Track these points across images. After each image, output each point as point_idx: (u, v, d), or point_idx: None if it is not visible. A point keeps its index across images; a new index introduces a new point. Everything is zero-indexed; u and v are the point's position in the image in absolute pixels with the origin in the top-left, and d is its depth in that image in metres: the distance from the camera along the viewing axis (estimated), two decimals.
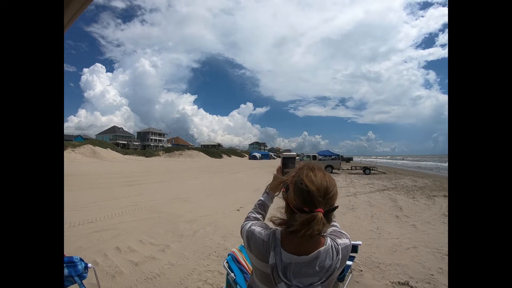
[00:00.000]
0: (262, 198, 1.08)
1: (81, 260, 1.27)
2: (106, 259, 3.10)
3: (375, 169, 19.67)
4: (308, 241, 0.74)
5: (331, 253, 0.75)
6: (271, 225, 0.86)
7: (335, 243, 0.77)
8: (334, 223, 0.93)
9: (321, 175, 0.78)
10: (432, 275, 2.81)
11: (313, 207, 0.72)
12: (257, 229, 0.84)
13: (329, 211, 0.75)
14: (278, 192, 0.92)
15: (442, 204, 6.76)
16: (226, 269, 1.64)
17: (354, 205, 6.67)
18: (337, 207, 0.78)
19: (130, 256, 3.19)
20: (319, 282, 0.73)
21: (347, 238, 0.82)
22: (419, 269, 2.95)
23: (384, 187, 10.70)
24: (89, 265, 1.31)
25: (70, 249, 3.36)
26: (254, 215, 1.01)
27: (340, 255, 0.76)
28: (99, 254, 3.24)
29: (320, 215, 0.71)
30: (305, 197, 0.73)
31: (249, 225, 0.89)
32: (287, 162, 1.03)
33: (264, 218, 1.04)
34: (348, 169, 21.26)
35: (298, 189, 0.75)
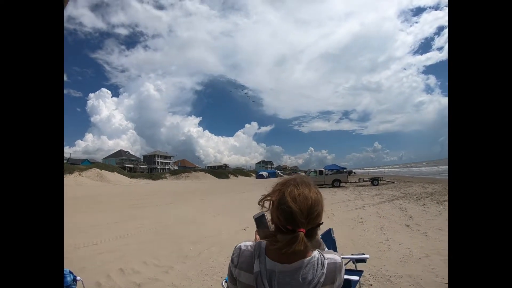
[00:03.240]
0: None
1: (70, 272, 1.29)
2: (109, 280, 3.07)
3: (383, 179, 19.25)
4: (293, 253, 0.73)
5: (315, 265, 0.72)
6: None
7: (321, 256, 0.75)
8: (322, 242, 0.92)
9: (307, 192, 0.75)
10: (446, 283, 2.67)
11: (296, 227, 0.72)
12: (244, 242, 0.83)
13: (312, 229, 0.75)
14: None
15: None
16: None
17: (363, 218, 6.49)
18: (321, 223, 0.78)
19: (133, 277, 3.15)
20: None
21: (338, 256, 0.79)
22: (433, 279, 2.81)
23: (393, 196, 10.43)
24: (78, 277, 1.33)
25: (72, 269, 3.32)
26: None
27: (325, 270, 0.72)
28: (102, 275, 3.20)
29: (302, 235, 0.70)
30: (287, 217, 0.72)
31: (236, 245, 0.86)
32: (260, 221, 0.93)
33: None
34: (356, 182, 20.85)
35: (281, 209, 0.74)
